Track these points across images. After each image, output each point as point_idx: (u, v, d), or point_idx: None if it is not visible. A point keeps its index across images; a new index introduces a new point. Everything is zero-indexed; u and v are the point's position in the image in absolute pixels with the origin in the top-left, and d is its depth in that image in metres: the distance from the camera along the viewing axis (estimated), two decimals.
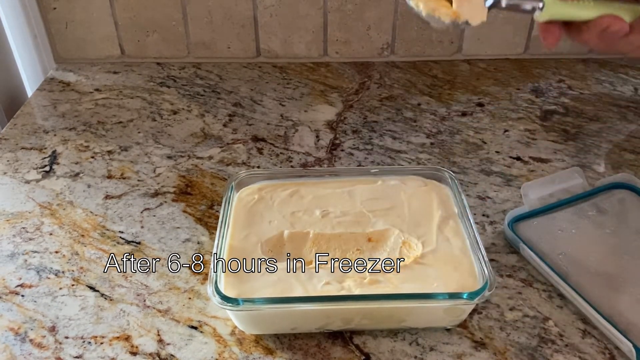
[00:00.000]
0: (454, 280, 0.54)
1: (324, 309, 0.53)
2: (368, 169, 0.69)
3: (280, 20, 0.98)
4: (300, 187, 0.65)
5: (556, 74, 0.98)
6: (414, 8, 0.49)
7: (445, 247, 0.58)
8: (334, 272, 0.55)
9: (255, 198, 0.64)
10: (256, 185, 0.66)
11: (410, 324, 0.56)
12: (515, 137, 0.83)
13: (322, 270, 0.55)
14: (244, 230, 0.60)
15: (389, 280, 0.54)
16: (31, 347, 0.55)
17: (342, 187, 0.65)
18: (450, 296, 0.52)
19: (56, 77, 1.00)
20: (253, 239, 0.59)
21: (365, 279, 0.54)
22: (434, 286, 0.54)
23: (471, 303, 0.52)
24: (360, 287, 0.54)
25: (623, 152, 0.80)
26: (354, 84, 0.97)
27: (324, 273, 0.55)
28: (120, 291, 0.61)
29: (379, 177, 0.66)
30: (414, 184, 0.65)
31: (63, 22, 0.99)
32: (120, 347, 0.55)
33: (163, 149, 0.82)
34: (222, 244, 0.58)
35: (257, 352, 0.55)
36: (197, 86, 0.97)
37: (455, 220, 0.61)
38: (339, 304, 0.53)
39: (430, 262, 0.56)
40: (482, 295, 0.52)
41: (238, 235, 0.60)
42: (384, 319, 0.56)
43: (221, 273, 0.55)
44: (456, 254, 0.57)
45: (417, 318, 0.56)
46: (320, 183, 0.66)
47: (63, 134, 0.85)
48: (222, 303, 0.52)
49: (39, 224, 0.69)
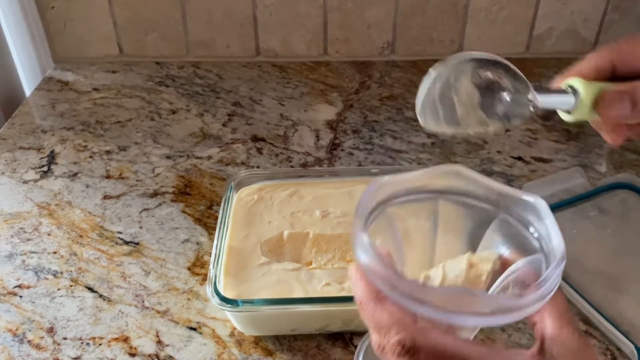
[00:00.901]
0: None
1: (324, 310, 0.53)
2: (369, 169, 0.69)
3: (280, 19, 0.98)
4: (300, 187, 0.65)
5: (558, 73, 0.97)
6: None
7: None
8: (334, 273, 0.55)
9: (255, 198, 0.64)
10: (256, 186, 0.65)
11: None
12: (516, 137, 0.83)
13: (322, 271, 0.55)
14: (244, 230, 0.60)
15: None
16: (29, 348, 0.55)
17: (343, 188, 0.65)
18: None
19: (54, 77, 0.99)
20: (252, 240, 0.59)
21: None
22: None
23: None
24: None
25: (625, 152, 0.80)
26: (354, 83, 0.96)
27: (323, 274, 0.55)
28: (118, 292, 0.61)
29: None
30: None
31: (61, 21, 0.99)
32: (119, 348, 0.55)
33: (162, 148, 0.82)
34: (222, 244, 0.58)
35: (257, 353, 0.55)
36: (196, 85, 0.96)
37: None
38: (339, 305, 0.52)
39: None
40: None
41: (237, 236, 0.59)
42: None
43: (220, 274, 0.55)
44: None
45: None
46: (320, 183, 0.66)
47: (61, 134, 0.85)
48: (221, 304, 0.51)
49: (37, 224, 0.69)
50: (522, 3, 0.96)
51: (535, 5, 0.96)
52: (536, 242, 0.36)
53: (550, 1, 0.95)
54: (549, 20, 0.97)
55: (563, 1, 0.95)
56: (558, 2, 0.95)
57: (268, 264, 0.56)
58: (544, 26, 0.98)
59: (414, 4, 0.96)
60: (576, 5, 0.96)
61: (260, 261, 0.56)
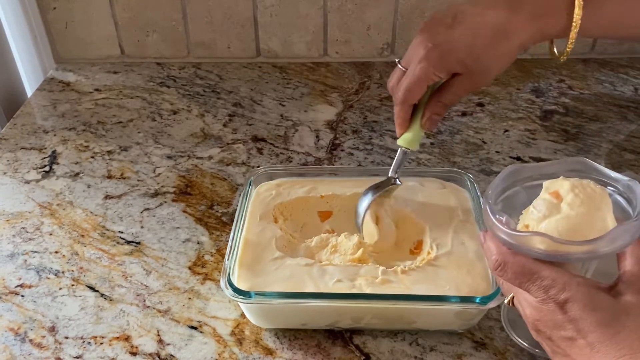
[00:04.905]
0: (466, 284, 0.53)
1: (334, 306, 0.53)
2: (386, 170, 0.67)
3: (280, 20, 0.98)
4: (318, 184, 0.65)
5: (556, 74, 0.98)
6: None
7: (460, 250, 0.57)
8: (346, 270, 0.55)
9: (273, 194, 0.64)
10: (274, 182, 0.66)
11: (420, 325, 0.56)
12: (515, 137, 0.83)
13: (335, 267, 0.55)
14: (260, 224, 0.60)
15: (401, 281, 0.54)
16: (31, 347, 0.55)
17: (360, 187, 0.63)
18: (462, 300, 0.52)
19: (56, 77, 0.99)
20: (268, 234, 0.59)
21: (377, 278, 0.54)
22: (445, 289, 0.53)
23: (483, 308, 0.52)
24: (372, 286, 0.53)
25: (623, 152, 0.80)
26: (354, 83, 0.97)
27: (336, 270, 0.55)
28: (120, 291, 0.61)
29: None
30: (432, 186, 0.64)
31: (63, 22, 0.99)
32: (120, 347, 0.55)
33: (163, 149, 0.82)
34: (238, 236, 0.58)
35: (257, 352, 0.55)
36: (197, 86, 0.97)
37: (472, 223, 0.60)
38: (349, 302, 0.53)
39: (444, 265, 0.56)
40: (495, 300, 0.51)
41: (254, 229, 0.60)
42: (394, 319, 0.55)
43: (235, 266, 0.55)
44: (470, 258, 0.56)
45: (428, 320, 0.55)
46: (338, 181, 0.66)
47: (63, 134, 0.85)
48: (234, 295, 0.52)
49: (38, 224, 0.69)
50: None
51: None
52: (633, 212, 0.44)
53: None
54: None
55: None
56: None
57: (282, 258, 0.56)
58: None
59: (413, 4, 0.96)
60: None
61: (275, 255, 0.57)
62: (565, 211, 0.43)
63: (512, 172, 0.48)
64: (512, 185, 0.48)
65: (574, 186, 0.43)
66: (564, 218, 0.42)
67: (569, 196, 0.43)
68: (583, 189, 0.43)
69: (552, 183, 0.45)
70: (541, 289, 0.41)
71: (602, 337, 0.38)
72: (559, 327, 0.41)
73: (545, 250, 0.42)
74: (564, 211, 0.43)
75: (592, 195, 0.43)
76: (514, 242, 0.43)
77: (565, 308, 0.40)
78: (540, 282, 0.41)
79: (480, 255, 0.56)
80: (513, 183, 0.48)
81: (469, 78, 0.57)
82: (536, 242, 0.42)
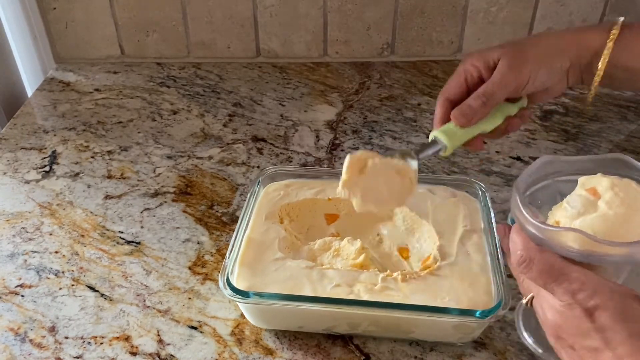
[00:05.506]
0: (468, 296, 0.52)
1: (330, 311, 0.52)
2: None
3: (280, 20, 0.98)
4: (327, 186, 0.64)
5: None
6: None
7: (464, 262, 0.55)
8: (346, 275, 0.55)
9: (281, 194, 0.64)
10: (284, 182, 0.65)
11: (418, 336, 0.55)
12: (515, 137, 0.83)
13: (334, 271, 0.55)
14: (265, 224, 0.60)
15: (400, 289, 0.53)
16: (31, 347, 0.55)
17: None
18: (461, 312, 0.50)
19: (56, 77, 1.00)
20: (272, 234, 0.59)
21: (377, 285, 0.53)
22: (445, 300, 0.52)
23: (482, 322, 0.51)
24: (370, 293, 0.52)
25: (623, 152, 0.80)
26: (354, 84, 0.97)
27: (335, 275, 0.54)
28: (120, 291, 0.61)
29: None
30: (442, 194, 0.63)
31: (63, 22, 0.99)
32: (120, 347, 0.55)
33: (163, 149, 0.82)
34: (241, 235, 0.58)
35: (257, 352, 0.55)
36: (197, 86, 0.97)
37: (479, 235, 0.58)
38: (345, 308, 0.52)
39: (446, 275, 0.54)
40: (495, 314, 0.50)
41: (258, 229, 0.59)
42: (391, 328, 0.55)
43: (235, 264, 0.55)
44: (474, 270, 0.55)
45: (425, 331, 0.54)
46: None
47: (63, 134, 0.85)
48: (232, 294, 0.52)
49: (38, 224, 0.69)
50: (521, 4, 0.96)
51: (534, 6, 0.96)
52: None
53: (548, 2, 0.96)
54: (547, 21, 0.97)
55: (562, 2, 0.96)
56: (557, 3, 0.96)
57: (283, 259, 0.56)
58: (542, 27, 0.98)
59: (413, 4, 0.96)
60: (575, 6, 0.96)
61: (276, 256, 0.56)
62: (603, 210, 0.39)
63: (546, 163, 0.45)
64: (543, 178, 0.45)
65: (613, 184, 0.40)
66: (600, 217, 0.39)
67: (608, 194, 0.40)
68: (624, 187, 0.40)
69: (588, 179, 0.42)
70: (568, 292, 0.38)
71: (632, 351, 0.35)
72: (584, 335, 0.37)
73: (579, 250, 0.38)
74: (601, 210, 0.39)
75: (633, 195, 0.39)
76: (544, 237, 0.39)
77: (594, 316, 0.37)
78: (567, 285, 0.38)
79: (485, 268, 0.55)
80: (544, 176, 0.45)
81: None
82: (569, 240, 0.39)
